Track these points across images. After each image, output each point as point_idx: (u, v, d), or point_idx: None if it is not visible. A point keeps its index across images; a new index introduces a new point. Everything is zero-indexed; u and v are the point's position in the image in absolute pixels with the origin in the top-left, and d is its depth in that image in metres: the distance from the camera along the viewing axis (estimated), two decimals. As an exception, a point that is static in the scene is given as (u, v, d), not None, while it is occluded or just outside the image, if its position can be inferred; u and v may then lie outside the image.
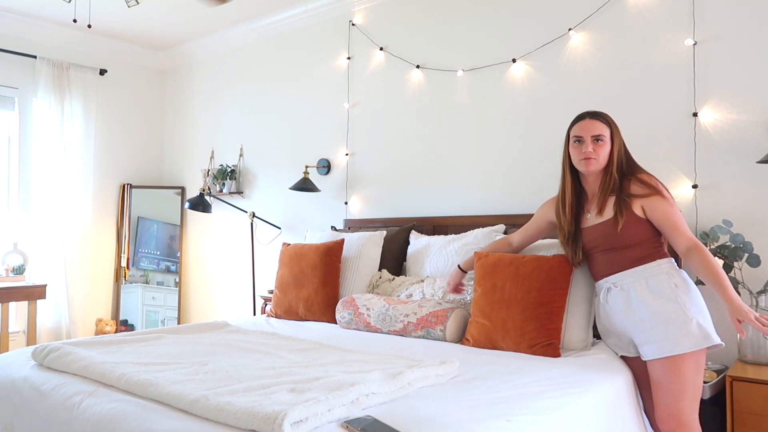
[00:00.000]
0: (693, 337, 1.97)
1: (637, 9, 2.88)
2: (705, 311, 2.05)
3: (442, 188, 3.55)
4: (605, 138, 2.16)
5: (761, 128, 2.53)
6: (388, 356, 2.10)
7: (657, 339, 2.03)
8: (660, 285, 2.06)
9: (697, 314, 2.01)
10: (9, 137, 4.58)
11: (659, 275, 2.07)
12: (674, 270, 2.09)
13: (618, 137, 2.19)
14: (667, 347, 2.00)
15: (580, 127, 2.18)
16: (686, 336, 1.98)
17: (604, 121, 2.18)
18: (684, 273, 2.11)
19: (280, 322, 3.12)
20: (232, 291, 4.75)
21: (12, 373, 2.07)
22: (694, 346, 1.97)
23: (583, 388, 1.86)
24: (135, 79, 5.29)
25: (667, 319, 2.01)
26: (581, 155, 2.16)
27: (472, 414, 1.54)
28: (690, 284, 2.08)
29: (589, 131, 2.15)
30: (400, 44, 3.77)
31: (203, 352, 2.19)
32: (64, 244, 4.62)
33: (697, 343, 1.97)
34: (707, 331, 1.98)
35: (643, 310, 2.07)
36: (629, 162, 2.21)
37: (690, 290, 2.06)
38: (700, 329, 1.98)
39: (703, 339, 1.98)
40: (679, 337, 1.98)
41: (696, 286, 2.10)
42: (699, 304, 2.05)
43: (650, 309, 2.05)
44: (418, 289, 2.89)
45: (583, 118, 2.20)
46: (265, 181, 4.56)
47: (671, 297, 2.03)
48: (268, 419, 1.36)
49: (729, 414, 2.18)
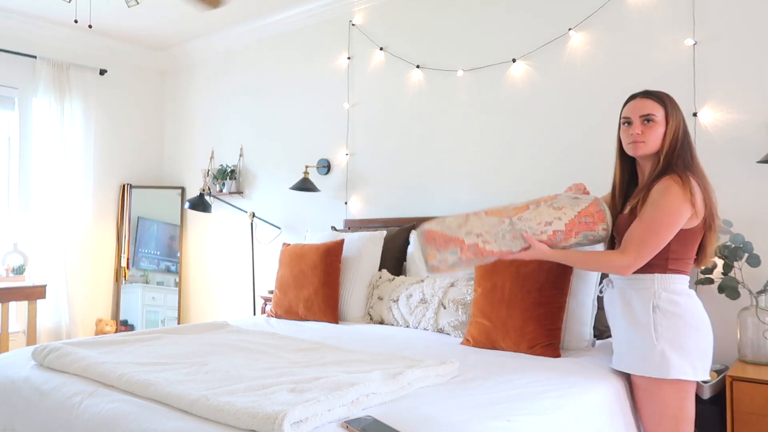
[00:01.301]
0: (650, 364, 1.88)
1: (637, 9, 2.87)
2: (688, 346, 1.86)
3: (442, 188, 3.55)
4: (657, 118, 1.93)
5: (761, 128, 2.53)
6: (388, 356, 2.11)
7: (621, 352, 2.00)
8: (642, 301, 1.93)
9: (669, 344, 1.86)
10: (9, 137, 4.58)
11: (646, 290, 1.92)
12: (667, 292, 1.90)
13: (675, 119, 1.94)
14: (624, 364, 1.98)
15: (629, 107, 1.99)
16: (644, 360, 1.90)
17: (657, 99, 1.95)
18: (684, 301, 1.90)
19: (280, 322, 3.12)
20: (232, 291, 4.75)
21: (12, 373, 2.07)
22: (647, 372, 1.89)
23: (583, 388, 1.86)
24: (135, 79, 5.29)
25: (632, 337, 1.94)
26: (629, 138, 1.97)
27: (472, 414, 1.55)
28: (683, 314, 1.88)
29: (638, 111, 1.95)
30: (400, 44, 3.77)
31: (203, 352, 2.19)
32: (64, 244, 4.62)
33: (651, 371, 1.87)
34: (669, 363, 1.84)
35: (620, 318, 2.00)
36: (684, 155, 1.93)
37: (677, 319, 1.87)
38: (662, 358, 1.85)
39: (661, 369, 1.85)
40: (636, 359, 1.92)
41: (701, 320, 1.90)
42: (682, 336, 1.86)
43: (626, 320, 1.97)
44: (418, 289, 2.90)
45: (634, 97, 2.00)
46: (265, 181, 4.56)
47: (643, 317, 1.91)
48: (268, 419, 1.36)
49: (729, 414, 2.18)
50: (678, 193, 1.84)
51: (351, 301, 3.15)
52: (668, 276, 1.92)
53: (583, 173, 3.00)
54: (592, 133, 2.99)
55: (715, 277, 2.44)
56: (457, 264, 1.99)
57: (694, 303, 1.92)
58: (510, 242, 1.96)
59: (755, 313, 2.34)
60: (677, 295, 1.91)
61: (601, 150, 2.93)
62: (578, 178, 3.00)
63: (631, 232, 1.90)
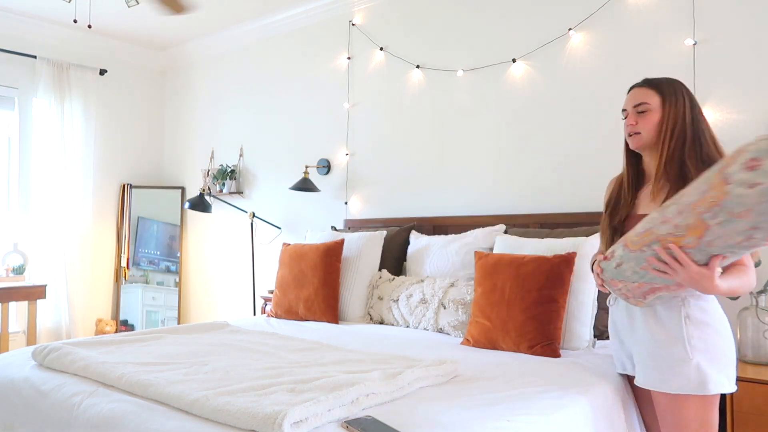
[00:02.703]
0: (685, 380, 1.69)
1: (637, 9, 2.87)
2: (721, 356, 1.71)
3: (442, 188, 3.55)
4: (651, 107, 1.80)
5: (761, 128, 2.53)
6: (388, 356, 2.11)
7: (648, 368, 1.78)
8: (669, 311, 1.75)
9: (704, 356, 1.69)
10: (9, 137, 4.58)
11: (674, 299, 1.75)
12: (695, 299, 1.74)
13: (674, 106, 1.77)
14: (653, 381, 1.76)
15: (627, 98, 1.88)
16: (678, 376, 1.70)
17: (653, 86, 1.82)
18: (711, 306, 1.76)
19: (280, 322, 3.12)
20: (232, 291, 4.75)
21: (12, 373, 2.07)
22: (682, 390, 1.69)
23: (583, 388, 1.86)
24: (135, 79, 5.29)
25: (662, 352, 1.74)
26: (626, 130, 1.86)
27: (472, 414, 1.55)
28: (711, 321, 1.74)
29: (631, 101, 1.84)
30: (400, 44, 3.77)
31: (203, 352, 2.19)
32: (64, 244, 4.62)
33: (689, 388, 1.69)
34: (707, 378, 1.67)
35: (644, 332, 1.80)
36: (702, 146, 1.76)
37: (707, 327, 1.72)
38: (698, 373, 1.68)
39: (697, 386, 1.68)
40: (669, 375, 1.72)
41: (726, 325, 1.77)
42: (714, 345, 1.71)
43: (651, 334, 1.78)
44: (418, 289, 2.90)
45: (633, 87, 1.88)
46: (265, 181, 4.56)
47: (675, 329, 1.73)
48: (268, 419, 1.36)
49: (729, 414, 2.17)
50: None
51: (351, 301, 3.15)
52: None
53: (584, 173, 3.00)
54: (592, 132, 2.99)
55: (715, 277, 2.44)
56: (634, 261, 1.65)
57: (719, 308, 1.78)
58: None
59: (755, 313, 2.34)
60: (705, 301, 1.75)
61: (601, 150, 2.93)
62: (578, 178, 3.01)
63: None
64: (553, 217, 3.01)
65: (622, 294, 1.74)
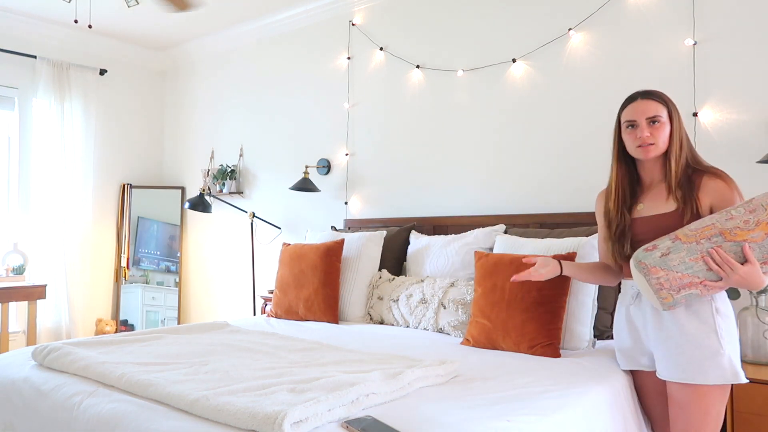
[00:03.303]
0: (721, 371, 1.79)
1: (637, 9, 2.87)
2: (737, 346, 1.85)
3: (442, 188, 3.55)
4: (662, 119, 1.89)
5: (761, 128, 2.53)
6: (388, 356, 2.11)
7: (681, 362, 1.83)
8: (700, 306, 1.83)
9: (731, 348, 1.82)
10: (9, 137, 4.58)
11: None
12: (718, 294, 1.85)
13: (678, 119, 1.92)
14: (691, 374, 1.81)
15: (632, 109, 1.93)
16: (715, 368, 1.79)
17: (660, 99, 1.91)
18: (728, 300, 1.89)
19: (280, 322, 3.12)
20: (232, 291, 4.75)
21: (12, 373, 2.07)
22: (720, 380, 1.79)
23: (583, 388, 1.86)
24: (135, 79, 5.29)
25: (698, 344, 1.81)
26: (637, 141, 1.90)
27: (472, 414, 1.55)
28: (730, 314, 1.87)
29: (643, 113, 1.90)
30: (400, 44, 3.77)
31: (203, 352, 2.19)
32: (64, 244, 4.62)
33: (724, 378, 1.79)
34: (736, 368, 1.80)
35: (673, 327, 1.86)
36: (692, 151, 1.95)
37: (730, 320, 1.85)
38: (730, 364, 1.79)
39: (732, 375, 1.79)
40: (706, 367, 1.79)
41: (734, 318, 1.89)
42: (734, 336, 1.85)
43: (682, 329, 1.83)
44: (418, 289, 2.90)
45: (634, 99, 1.94)
46: (265, 181, 4.56)
47: (709, 322, 1.82)
48: (268, 419, 1.36)
49: (729, 414, 2.17)
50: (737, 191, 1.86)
51: (351, 301, 3.15)
52: None
53: (584, 173, 3.00)
54: (592, 132, 2.99)
55: (715, 277, 2.44)
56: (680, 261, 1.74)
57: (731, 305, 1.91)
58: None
59: (755, 313, 2.34)
60: (723, 297, 1.87)
61: (601, 150, 2.92)
62: (578, 178, 3.01)
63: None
64: (553, 217, 3.01)
65: (657, 283, 1.78)
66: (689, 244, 1.74)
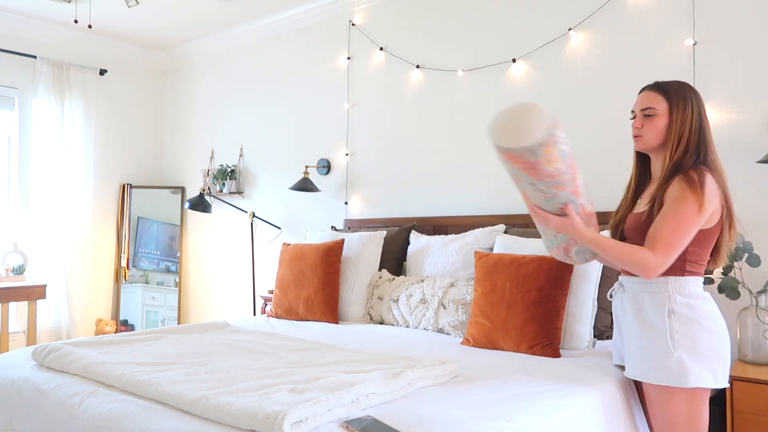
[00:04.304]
0: (667, 372, 1.76)
1: (637, 9, 2.87)
2: (707, 352, 1.76)
3: (442, 188, 3.55)
4: (657, 111, 1.84)
5: (761, 128, 2.53)
6: (388, 356, 2.11)
7: (636, 358, 1.87)
8: (655, 306, 1.82)
9: (686, 351, 1.75)
10: (9, 137, 4.58)
11: (660, 294, 1.82)
12: (682, 296, 1.80)
13: (682, 112, 1.82)
14: (640, 372, 1.85)
15: (636, 100, 1.93)
16: (660, 368, 1.78)
17: (661, 91, 1.86)
18: (700, 304, 1.80)
19: (280, 322, 3.12)
20: (232, 291, 4.75)
21: (12, 373, 2.07)
22: (664, 381, 1.77)
23: (583, 388, 1.86)
24: (135, 79, 5.29)
25: (647, 344, 1.82)
26: (633, 132, 1.93)
27: (472, 414, 1.55)
28: (699, 318, 1.78)
29: (639, 104, 1.90)
30: (400, 44, 3.77)
31: (203, 352, 2.19)
32: (64, 244, 4.62)
33: (669, 380, 1.76)
34: (687, 371, 1.74)
35: (632, 323, 1.89)
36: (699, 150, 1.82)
37: (693, 323, 1.77)
38: (680, 366, 1.74)
39: (678, 378, 1.75)
40: (652, 366, 1.80)
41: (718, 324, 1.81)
42: (698, 341, 1.76)
43: (637, 326, 1.86)
44: (418, 289, 2.90)
45: (642, 90, 1.93)
46: (265, 181, 4.56)
47: (658, 323, 1.80)
48: (268, 419, 1.36)
49: (729, 414, 2.18)
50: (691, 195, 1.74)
51: (351, 301, 3.15)
52: (684, 279, 1.81)
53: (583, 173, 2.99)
54: (592, 132, 2.99)
55: (715, 277, 2.44)
56: (563, 161, 1.75)
57: (711, 306, 1.82)
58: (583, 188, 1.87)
59: (755, 313, 2.34)
60: (693, 298, 1.81)
61: (601, 149, 2.93)
62: (578, 178, 3.01)
63: (656, 231, 1.78)
64: (553, 217, 3.01)
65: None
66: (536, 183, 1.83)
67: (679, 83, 1.89)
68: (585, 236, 1.83)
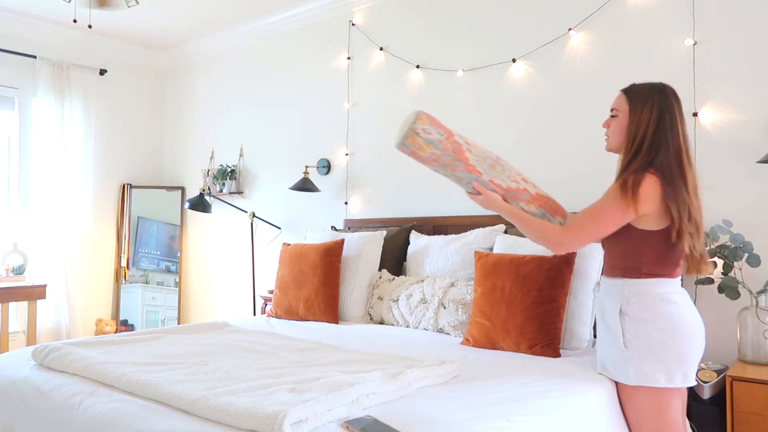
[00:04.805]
0: (621, 370, 1.87)
1: (637, 9, 2.87)
2: (661, 352, 1.79)
3: (442, 188, 3.54)
4: (618, 113, 1.89)
5: (761, 128, 2.53)
6: (388, 356, 2.11)
7: (599, 354, 2.00)
8: (612, 306, 1.90)
9: (638, 351, 1.81)
10: (9, 137, 4.58)
11: (617, 296, 1.89)
12: (638, 297, 1.83)
13: (639, 114, 1.82)
14: (601, 366, 1.98)
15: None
16: (615, 366, 1.90)
17: (626, 92, 1.89)
18: (656, 304, 1.82)
19: (280, 322, 3.12)
20: (232, 291, 4.75)
21: (12, 373, 2.07)
22: (619, 379, 1.89)
23: (583, 388, 1.86)
24: (135, 79, 5.29)
25: (605, 341, 1.95)
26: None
27: (472, 414, 1.55)
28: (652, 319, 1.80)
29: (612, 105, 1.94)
30: (400, 44, 3.77)
31: (203, 352, 2.19)
32: (64, 244, 4.62)
33: (623, 377, 1.87)
34: (638, 371, 1.81)
35: (599, 323, 2.01)
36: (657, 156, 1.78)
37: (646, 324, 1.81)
38: (631, 365, 1.83)
39: (629, 376, 1.84)
40: (610, 364, 1.93)
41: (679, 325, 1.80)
42: (652, 342, 1.79)
43: (600, 326, 1.98)
44: (418, 289, 2.90)
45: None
46: (265, 181, 4.56)
47: (613, 323, 1.88)
48: (268, 419, 1.36)
49: (729, 414, 2.18)
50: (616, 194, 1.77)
51: (351, 301, 3.15)
52: (642, 281, 1.83)
53: (583, 173, 3.00)
54: (592, 132, 2.99)
55: (715, 277, 2.45)
56: (435, 147, 1.89)
57: (674, 308, 1.81)
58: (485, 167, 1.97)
59: (755, 313, 2.34)
60: (651, 300, 1.82)
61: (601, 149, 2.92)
62: (578, 178, 3.01)
63: (575, 216, 1.91)
64: (553, 217, 3.01)
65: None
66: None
67: (651, 85, 1.87)
68: (503, 208, 1.95)
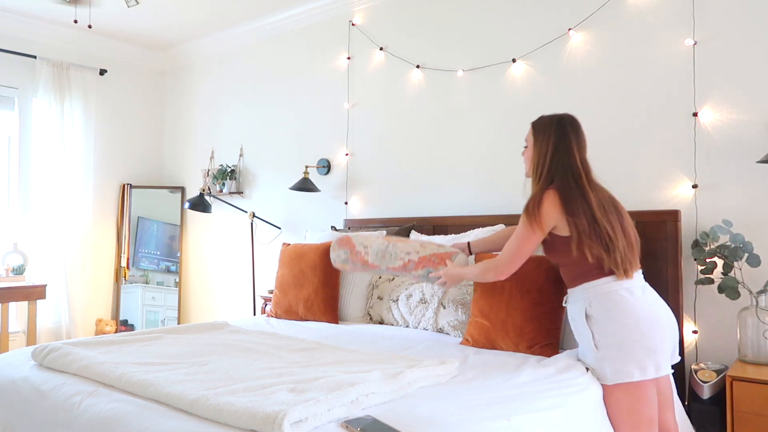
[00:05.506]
0: (601, 372, 1.93)
1: (637, 9, 2.87)
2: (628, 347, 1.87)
3: (442, 188, 3.55)
4: (528, 144, 2.16)
5: (761, 128, 2.53)
6: (388, 356, 2.11)
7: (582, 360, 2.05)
8: (578, 313, 2.00)
9: (608, 350, 1.90)
10: (9, 137, 4.58)
11: (580, 302, 1.99)
12: (596, 298, 1.93)
13: (539, 145, 2.07)
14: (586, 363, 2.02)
15: None
16: (595, 369, 1.96)
17: (533, 125, 2.15)
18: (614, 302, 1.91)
19: (280, 322, 3.12)
20: (232, 291, 4.75)
21: (12, 373, 2.07)
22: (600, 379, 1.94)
23: (582, 387, 1.86)
24: (135, 79, 5.29)
25: (583, 349, 2.02)
26: None
27: (472, 414, 1.55)
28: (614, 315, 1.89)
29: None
30: (400, 44, 3.77)
31: (203, 352, 2.19)
32: (64, 244, 4.62)
33: (601, 378, 1.93)
34: (612, 368, 1.89)
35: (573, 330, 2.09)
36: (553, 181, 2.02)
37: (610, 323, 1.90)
38: (605, 365, 1.91)
39: (605, 376, 1.91)
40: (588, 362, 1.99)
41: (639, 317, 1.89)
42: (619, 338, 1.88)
43: (574, 333, 2.07)
44: (417, 289, 2.90)
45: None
46: (265, 181, 4.56)
47: (582, 329, 1.99)
48: (268, 419, 1.36)
49: (729, 414, 2.18)
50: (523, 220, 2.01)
51: (351, 301, 3.15)
52: (595, 282, 1.95)
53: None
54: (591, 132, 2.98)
55: (715, 277, 2.45)
56: (350, 263, 2.50)
57: (633, 301, 1.91)
58: (380, 260, 2.41)
59: (755, 313, 2.34)
60: (609, 298, 1.92)
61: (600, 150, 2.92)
62: (578, 178, 3.01)
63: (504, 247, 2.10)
64: (553, 217, 3.01)
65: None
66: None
67: (550, 117, 2.11)
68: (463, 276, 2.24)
